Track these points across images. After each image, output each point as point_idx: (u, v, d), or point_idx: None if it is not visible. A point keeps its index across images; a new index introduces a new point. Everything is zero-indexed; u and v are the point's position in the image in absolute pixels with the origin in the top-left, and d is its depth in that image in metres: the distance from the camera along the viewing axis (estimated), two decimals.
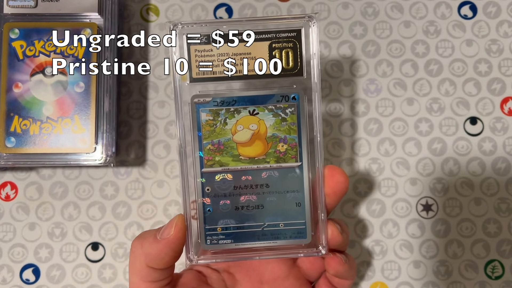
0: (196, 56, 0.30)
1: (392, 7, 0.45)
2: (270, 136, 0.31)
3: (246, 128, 0.31)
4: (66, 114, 0.40)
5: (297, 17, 0.30)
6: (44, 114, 0.40)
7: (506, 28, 0.45)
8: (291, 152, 0.31)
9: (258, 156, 0.31)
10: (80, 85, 0.40)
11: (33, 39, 0.40)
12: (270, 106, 0.30)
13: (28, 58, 0.40)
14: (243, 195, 0.31)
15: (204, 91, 0.30)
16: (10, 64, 0.40)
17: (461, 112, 0.44)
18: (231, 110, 0.30)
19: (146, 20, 0.45)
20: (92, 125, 0.40)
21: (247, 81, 0.30)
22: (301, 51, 0.30)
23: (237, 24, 0.30)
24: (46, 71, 0.40)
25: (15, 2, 0.40)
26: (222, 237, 0.31)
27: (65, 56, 0.40)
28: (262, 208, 0.31)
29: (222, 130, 0.31)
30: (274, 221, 0.31)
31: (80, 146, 0.39)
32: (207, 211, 0.32)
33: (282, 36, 0.30)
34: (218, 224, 0.31)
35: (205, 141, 0.31)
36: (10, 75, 0.40)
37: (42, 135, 0.40)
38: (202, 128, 0.31)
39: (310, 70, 0.30)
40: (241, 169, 0.31)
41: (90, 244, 0.43)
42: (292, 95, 0.31)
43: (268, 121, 0.31)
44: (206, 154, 0.31)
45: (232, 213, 0.31)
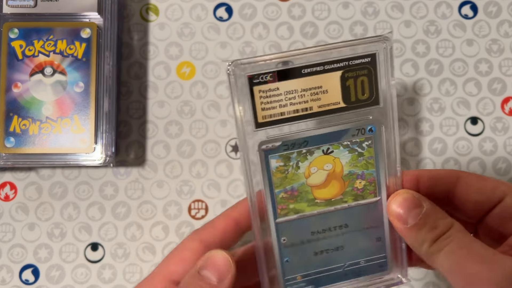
0: (261, 98, 0.26)
1: (393, 6, 0.45)
2: (347, 174, 0.28)
3: (321, 169, 0.28)
4: (66, 114, 0.40)
5: (371, 40, 0.26)
6: (44, 114, 0.40)
7: (507, 28, 0.45)
8: (369, 187, 0.28)
9: (335, 197, 0.28)
10: (79, 85, 0.40)
11: (32, 39, 0.40)
12: (346, 142, 0.27)
13: (28, 58, 0.40)
14: (322, 239, 0.29)
15: (272, 136, 0.27)
16: (10, 64, 0.40)
17: (461, 112, 0.44)
18: (303, 152, 0.27)
19: (146, 19, 0.45)
20: (91, 125, 0.39)
21: (320, 118, 0.27)
22: (376, 78, 0.27)
23: (303, 55, 0.26)
24: (46, 71, 0.40)
25: (14, 2, 0.40)
26: (303, 284, 0.29)
27: (65, 56, 0.40)
28: (342, 249, 0.29)
29: (294, 175, 0.27)
30: (355, 259, 0.29)
31: (79, 146, 0.39)
32: (284, 262, 0.29)
33: (355, 63, 0.26)
34: (297, 273, 0.29)
35: (277, 189, 0.28)
36: (9, 75, 0.40)
37: (42, 135, 0.39)
38: (273, 176, 0.27)
39: (387, 97, 0.27)
40: (317, 213, 0.28)
41: (89, 244, 0.43)
42: (368, 127, 0.27)
43: (344, 158, 0.28)
44: (280, 203, 0.28)
45: (311, 259, 0.29)
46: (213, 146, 0.43)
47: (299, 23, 0.45)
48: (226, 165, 0.43)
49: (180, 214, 0.43)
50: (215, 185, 0.43)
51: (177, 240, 0.42)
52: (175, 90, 0.44)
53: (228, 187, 0.43)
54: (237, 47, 0.45)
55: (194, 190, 0.43)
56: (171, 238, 0.42)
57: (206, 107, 0.44)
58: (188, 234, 0.42)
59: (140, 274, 0.42)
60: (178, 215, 0.43)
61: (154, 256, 0.42)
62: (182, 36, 0.45)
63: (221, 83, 0.44)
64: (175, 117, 0.44)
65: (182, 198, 0.43)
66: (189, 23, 0.45)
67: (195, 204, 0.43)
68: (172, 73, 0.44)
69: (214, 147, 0.43)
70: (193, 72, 0.44)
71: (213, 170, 0.43)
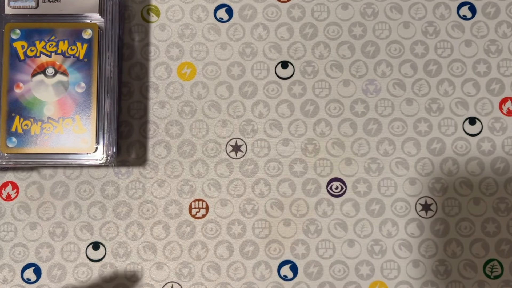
0: None
1: (392, 7, 0.45)
2: None
3: None
4: (67, 114, 0.40)
5: None
6: (45, 114, 0.40)
7: (505, 29, 0.45)
8: None
9: None
10: (81, 85, 0.40)
11: (34, 39, 0.40)
12: None
13: (29, 59, 0.40)
14: None
15: None
16: (11, 65, 0.40)
17: (460, 112, 0.44)
18: None
19: (147, 20, 0.45)
20: (93, 125, 0.40)
21: None
22: None
23: None
24: (47, 72, 0.40)
25: (16, 3, 0.40)
26: None
27: (66, 56, 0.40)
28: None
29: None
30: None
31: (81, 146, 0.40)
32: None
33: None
34: None
35: None
36: (11, 76, 0.40)
37: (43, 135, 0.40)
38: None
39: None
40: None
41: (91, 243, 0.43)
42: None
43: None
44: None
45: None
46: (213, 146, 0.44)
47: (298, 24, 0.45)
48: (226, 164, 0.44)
49: (180, 214, 0.43)
50: (216, 184, 0.43)
51: (178, 239, 0.43)
52: (176, 91, 0.44)
53: (228, 186, 0.43)
54: (237, 48, 0.45)
55: (195, 189, 0.43)
56: (171, 237, 0.43)
57: (207, 107, 0.44)
58: (188, 233, 0.43)
59: (141, 273, 0.42)
60: (178, 215, 0.43)
61: (155, 255, 0.43)
62: (182, 37, 0.45)
63: (221, 83, 0.44)
64: (176, 117, 0.44)
65: (182, 198, 0.43)
66: (189, 24, 0.45)
67: (195, 204, 0.43)
68: (173, 74, 0.45)
69: (214, 147, 0.44)
70: (193, 72, 0.45)
71: (213, 170, 0.43)
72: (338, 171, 0.43)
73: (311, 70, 0.45)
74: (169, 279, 0.42)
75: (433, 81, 0.44)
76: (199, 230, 0.43)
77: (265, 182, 0.43)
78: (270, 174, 0.43)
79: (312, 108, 0.44)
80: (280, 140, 0.44)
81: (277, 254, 0.43)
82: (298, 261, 0.43)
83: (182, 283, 0.42)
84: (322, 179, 0.43)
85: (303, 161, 0.44)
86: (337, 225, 0.43)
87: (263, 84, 0.44)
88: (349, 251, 0.43)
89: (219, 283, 0.42)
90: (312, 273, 0.42)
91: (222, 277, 0.42)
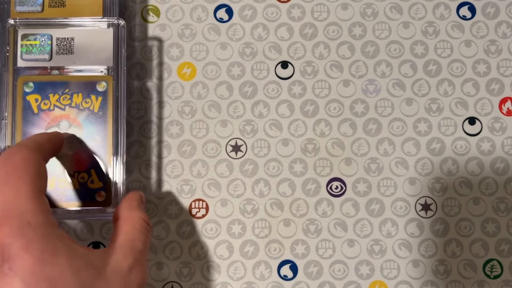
0: None
1: (391, 7, 0.45)
2: None
3: None
4: (82, 168, 0.39)
5: None
6: (60, 168, 0.39)
7: (505, 29, 0.45)
8: None
9: None
10: (95, 138, 0.39)
11: (47, 92, 0.39)
12: None
13: (43, 112, 0.39)
14: None
15: None
16: (25, 118, 0.39)
17: (459, 112, 0.44)
18: None
19: (147, 21, 0.45)
20: (108, 179, 0.39)
21: None
22: None
23: None
24: (61, 125, 0.39)
25: (30, 56, 0.40)
26: None
27: (81, 109, 0.39)
28: None
29: None
30: None
31: (96, 201, 0.39)
32: None
33: None
34: None
35: None
36: (25, 129, 0.39)
37: (58, 190, 0.39)
38: None
39: None
40: None
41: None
42: None
43: None
44: None
45: None
46: (214, 146, 0.44)
47: (298, 24, 0.45)
48: (226, 164, 0.44)
49: (180, 213, 0.43)
50: (216, 184, 0.43)
51: (178, 239, 0.43)
52: (176, 91, 0.44)
53: (229, 186, 0.43)
54: (237, 48, 0.45)
55: (195, 189, 0.43)
56: (172, 237, 0.43)
57: (207, 107, 0.44)
58: (188, 233, 0.43)
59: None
60: (179, 214, 0.43)
61: (155, 255, 0.43)
62: (182, 37, 0.45)
63: (221, 83, 0.45)
64: (176, 117, 0.44)
65: (182, 198, 0.43)
66: (189, 24, 0.45)
67: (195, 204, 0.43)
68: (173, 74, 0.45)
69: (214, 147, 0.44)
70: (193, 72, 0.45)
71: (213, 170, 0.44)
72: (338, 171, 0.43)
73: (311, 70, 0.45)
74: (169, 278, 0.42)
75: (433, 81, 0.44)
76: (199, 230, 0.43)
77: (265, 182, 0.43)
78: (270, 174, 0.44)
79: (312, 108, 0.44)
80: (280, 140, 0.44)
81: (277, 254, 0.43)
82: (298, 261, 0.43)
83: (182, 283, 0.42)
84: (322, 179, 0.43)
85: (303, 161, 0.44)
86: (337, 225, 0.43)
87: (263, 84, 0.45)
88: (349, 251, 0.43)
89: (219, 283, 0.42)
90: (312, 273, 0.42)
91: (222, 277, 0.42)
